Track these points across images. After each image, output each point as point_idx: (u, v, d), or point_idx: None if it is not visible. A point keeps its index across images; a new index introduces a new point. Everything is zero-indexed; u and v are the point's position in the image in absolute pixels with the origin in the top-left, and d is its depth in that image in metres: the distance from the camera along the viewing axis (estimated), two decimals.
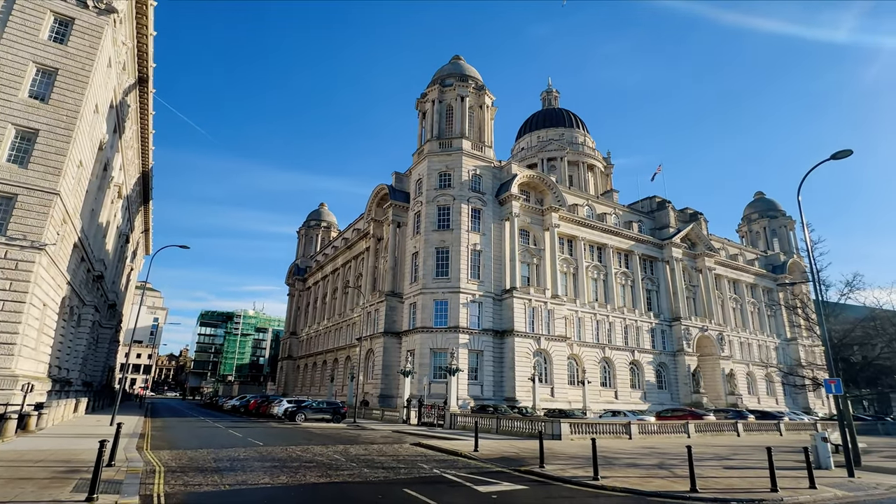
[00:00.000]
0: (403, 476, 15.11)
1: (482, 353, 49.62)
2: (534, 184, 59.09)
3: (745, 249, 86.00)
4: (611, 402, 56.68)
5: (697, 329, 66.52)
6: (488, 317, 51.18)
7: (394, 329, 55.08)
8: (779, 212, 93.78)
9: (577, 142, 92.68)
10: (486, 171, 56.50)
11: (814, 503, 13.01)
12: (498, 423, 31.82)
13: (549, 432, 27.71)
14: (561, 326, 54.02)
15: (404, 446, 23.57)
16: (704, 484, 14.25)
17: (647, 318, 64.67)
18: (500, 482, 14.36)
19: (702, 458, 20.84)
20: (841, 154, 18.57)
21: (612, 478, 15.20)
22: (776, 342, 79.84)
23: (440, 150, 56.08)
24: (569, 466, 17.36)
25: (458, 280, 50.63)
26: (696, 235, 72.43)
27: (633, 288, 65.91)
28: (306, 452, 19.90)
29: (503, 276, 53.47)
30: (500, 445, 23.98)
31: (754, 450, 24.39)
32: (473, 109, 59.58)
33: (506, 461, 18.57)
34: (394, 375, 52.25)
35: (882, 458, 23.54)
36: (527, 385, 47.25)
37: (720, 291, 75.54)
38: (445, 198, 53.95)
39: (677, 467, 17.69)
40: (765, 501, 12.73)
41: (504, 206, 55.60)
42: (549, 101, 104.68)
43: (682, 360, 63.72)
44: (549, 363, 52.21)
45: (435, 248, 52.64)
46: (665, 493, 13.34)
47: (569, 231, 61.38)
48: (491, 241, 53.92)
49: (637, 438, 29.93)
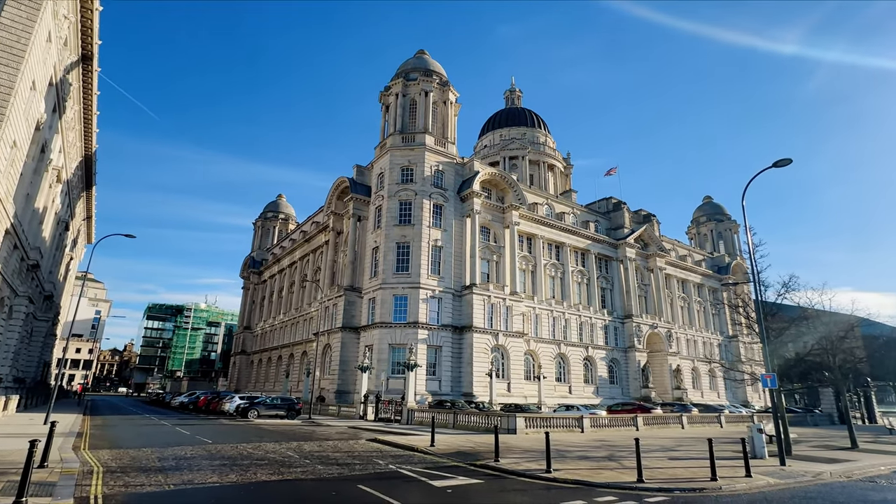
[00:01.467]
0: (358, 472, 14.97)
1: (441, 348, 49.81)
2: (495, 181, 59.67)
3: (693, 251, 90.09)
4: (565, 396, 58.19)
5: (648, 326, 69.21)
6: (448, 312, 51.39)
7: (352, 324, 54.43)
8: (725, 216, 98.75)
9: (539, 141, 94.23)
10: (448, 167, 56.59)
11: (749, 490, 13.80)
12: (455, 418, 32.05)
13: (505, 427, 28.16)
14: (519, 323, 54.93)
15: (360, 442, 23.36)
16: (650, 474, 14.84)
17: (601, 316, 66.71)
18: (455, 477, 14.46)
19: (649, 449, 21.72)
20: (781, 162, 19.69)
21: (564, 470, 15.60)
22: (719, 339, 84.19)
23: (403, 145, 55.71)
24: (523, 460, 17.69)
25: (419, 276, 50.55)
26: (648, 236, 75.22)
27: (589, 286, 67.80)
28: (258, 450, 19.39)
29: (463, 273, 53.80)
30: (456, 440, 24.16)
31: (697, 441, 25.64)
32: (437, 105, 59.47)
33: (462, 456, 18.72)
34: (351, 371, 51.67)
35: (810, 447, 25.26)
36: (484, 380, 47.80)
37: (670, 290, 78.84)
38: (407, 193, 53.68)
39: (626, 459, 18.35)
40: (705, 490, 13.40)
41: (466, 203, 55.89)
42: (512, 100, 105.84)
43: (633, 356, 66.16)
44: (506, 359, 53.01)
45: (396, 242, 52.33)
46: (613, 483, 13.81)
47: (528, 229, 62.40)
48: (452, 238, 54.11)
49: (589, 432, 30.86)
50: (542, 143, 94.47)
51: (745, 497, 12.93)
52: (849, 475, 17.17)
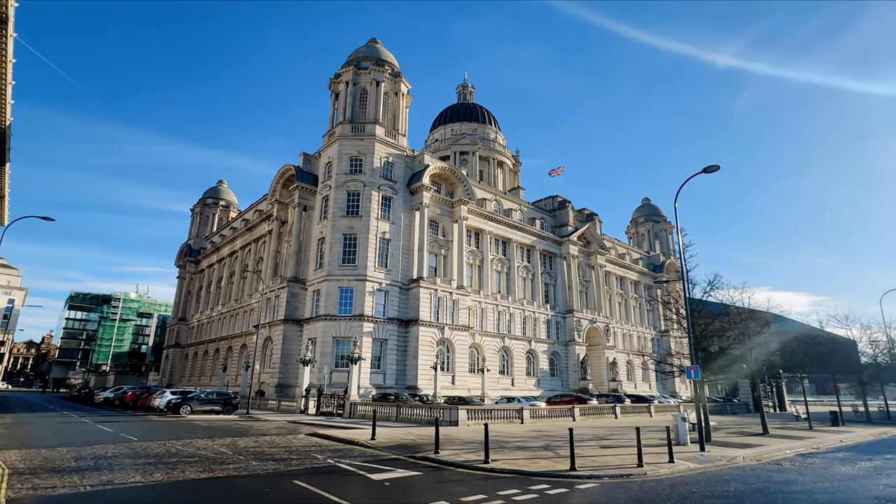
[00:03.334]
0: (295, 468, 14.63)
1: (386, 341, 49.55)
2: (445, 176, 59.83)
3: (631, 249, 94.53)
4: (507, 388, 59.57)
5: (588, 321, 72.02)
6: (394, 306, 51.14)
7: (295, 316, 53.03)
8: (661, 217, 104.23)
9: (490, 138, 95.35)
10: (398, 159, 56.11)
11: (670, 475, 14.70)
12: (398, 410, 32.02)
13: (447, 419, 28.46)
14: (465, 316, 55.56)
15: (299, 437, 22.85)
16: (583, 463, 15.48)
17: (544, 310, 68.68)
18: (394, 469, 14.45)
19: (583, 439, 22.66)
20: (710, 168, 20.98)
21: (501, 460, 15.97)
22: (653, 334, 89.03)
23: (352, 134, 54.65)
24: (462, 451, 17.94)
25: (366, 268, 49.94)
26: (591, 235, 78.13)
27: (534, 281, 69.58)
28: (188, 447, 18.51)
29: (411, 266, 53.68)
30: (398, 433, 24.14)
31: (628, 430, 27.01)
32: (388, 96, 58.74)
33: (402, 448, 18.73)
34: (293, 364, 50.39)
35: (728, 434, 27.28)
36: (429, 373, 48.03)
37: (609, 287, 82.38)
38: (356, 183, 52.79)
39: (561, 448, 19.02)
40: (631, 476, 14.15)
41: (415, 196, 55.69)
42: (464, 95, 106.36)
43: (573, 350, 68.69)
44: (451, 352, 53.51)
45: (342, 234, 51.38)
46: (548, 472, 14.29)
47: (477, 224, 63.10)
48: (400, 231, 53.81)
49: (528, 423, 31.76)
50: (492, 139, 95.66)
51: (667, 481, 13.76)
52: (759, 459, 18.69)
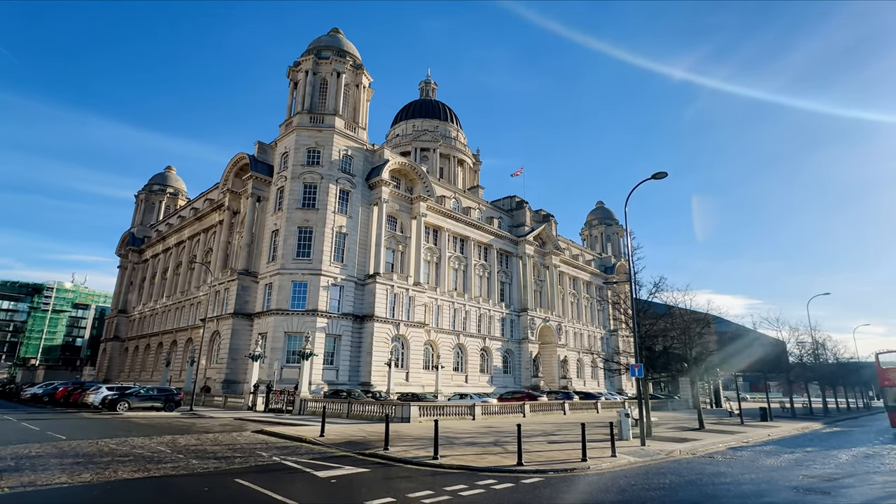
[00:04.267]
0: (238, 466, 14.18)
1: (340, 337, 48.84)
2: (405, 171, 59.50)
3: (585, 251, 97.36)
4: (461, 385, 60.07)
5: (541, 319, 73.63)
6: (349, 301, 50.46)
7: (245, 310, 51.38)
8: (614, 220, 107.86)
9: (451, 136, 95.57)
10: (357, 152, 55.30)
11: (612, 469, 15.27)
12: (349, 407, 31.65)
13: (399, 415, 28.40)
14: (420, 313, 55.53)
15: (244, 434, 22.18)
16: (530, 458, 15.82)
17: (499, 308, 69.65)
18: (342, 466, 14.27)
19: (531, 434, 23.18)
20: (659, 175, 21.87)
21: (450, 456, 16.08)
22: (602, 333, 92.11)
23: (311, 125, 53.39)
24: (413, 448, 17.95)
25: (321, 262, 48.99)
26: (546, 235, 79.86)
27: (490, 279, 70.41)
28: (122, 445, 17.59)
29: (367, 261, 53.10)
30: (348, 430, 23.87)
31: (575, 426, 27.72)
32: (349, 88, 57.77)
33: (352, 445, 18.53)
34: (242, 360, 48.83)
35: (667, 429, 28.62)
36: (383, 370, 47.73)
37: (562, 287, 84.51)
38: (313, 175, 51.63)
39: (510, 444, 19.36)
40: (575, 470, 14.59)
41: (374, 191, 55.08)
42: (426, 91, 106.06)
43: (526, 347, 70.05)
44: (406, 348, 53.38)
45: (298, 226, 50.16)
46: (495, 467, 14.52)
47: (435, 221, 63.15)
48: (357, 225, 53.10)
49: (480, 419, 32.15)
50: (453, 137, 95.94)
51: (608, 475, 14.28)
52: (694, 452, 19.72)
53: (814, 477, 14.62)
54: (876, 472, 15.90)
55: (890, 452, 21.36)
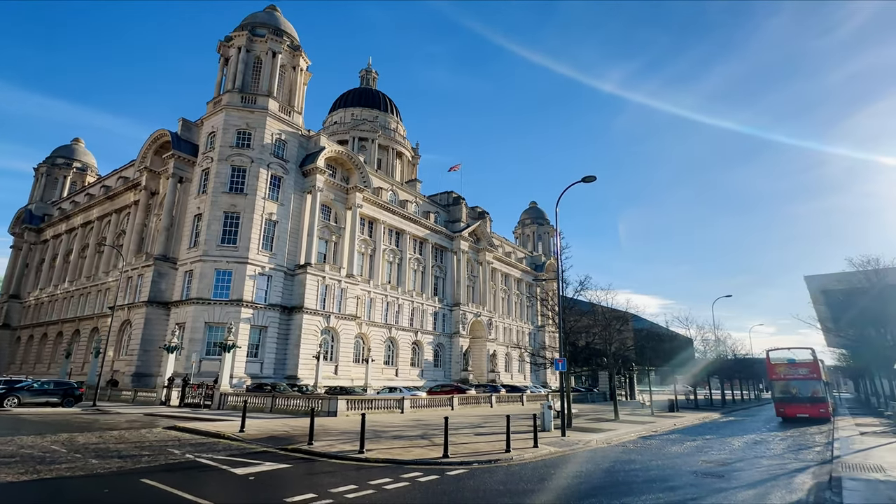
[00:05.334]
0: (145, 465, 13.19)
1: (266, 329, 46.92)
2: (342, 160, 58.06)
3: (517, 249, 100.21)
4: (392, 379, 59.85)
5: (473, 314, 74.97)
6: (277, 291, 48.56)
7: (162, 298, 47.98)
8: (545, 220, 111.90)
9: (390, 127, 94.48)
10: (292, 137, 53.18)
11: (534, 459, 15.84)
12: (273, 401, 30.51)
13: (326, 409, 27.81)
14: (352, 305, 54.59)
15: (155, 431, 20.70)
16: (456, 450, 16.03)
17: (432, 303, 70.05)
18: (262, 463, 13.70)
19: (458, 427, 23.54)
20: (588, 179, 22.89)
21: (377, 450, 15.95)
22: (530, 328, 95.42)
23: (242, 105, 50.61)
24: (338, 442, 17.61)
25: (248, 250, 46.72)
26: (481, 232, 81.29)
27: (424, 274, 70.59)
28: (8, 445, 15.79)
29: (298, 251, 51.34)
30: (271, 425, 23.00)
31: (501, 418, 28.53)
32: (286, 69, 55.39)
33: (274, 440, 17.87)
34: (155, 351, 45.59)
35: (586, 420, 30.19)
36: (311, 363, 46.46)
37: (494, 283, 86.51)
38: (242, 158, 49.02)
39: (437, 437, 19.52)
40: (499, 461, 14.97)
41: (308, 178, 53.27)
42: (367, 80, 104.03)
43: (457, 342, 71.04)
44: (336, 341, 52.30)
45: (224, 211, 47.48)
46: (421, 460, 14.57)
47: (371, 213, 62.24)
48: (289, 213, 51.14)
49: (408, 412, 32.20)
50: (393, 129, 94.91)
51: (530, 465, 14.79)
52: (609, 442, 20.93)
53: (711, 462, 16.02)
54: (763, 457, 17.70)
55: (774, 439, 23.88)
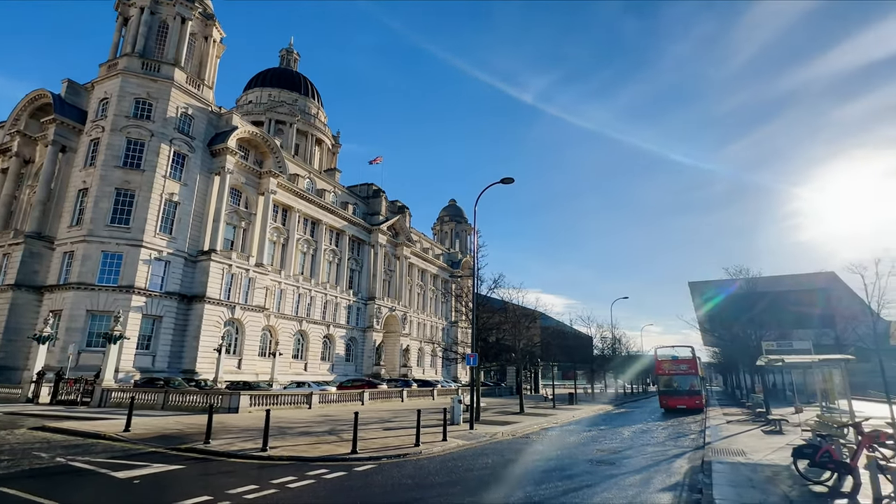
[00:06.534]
0: (2, 471, 11.51)
1: (161, 319, 43.11)
2: (256, 143, 54.79)
3: (435, 245, 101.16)
4: (300, 373, 57.75)
5: (387, 309, 74.51)
6: (176, 278, 44.79)
7: (33, 282, 42.30)
8: (464, 218, 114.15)
9: (310, 112, 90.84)
10: (200, 113, 49.20)
11: (442, 452, 16.08)
12: (166, 397, 28.12)
13: (226, 405, 26.20)
14: (261, 296, 51.86)
15: (17, 432, 18.17)
16: (365, 445, 15.82)
17: (346, 296, 68.57)
18: (149, 465, 12.54)
19: (368, 422, 23.27)
20: (506, 180, 23.65)
21: (281, 447, 15.28)
22: (444, 324, 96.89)
23: (143, 72, 45.89)
24: (239, 440, 16.64)
25: (143, 232, 42.54)
26: (400, 226, 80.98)
27: (339, 266, 68.87)
28: None
29: (203, 236, 47.71)
30: (163, 423, 21.18)
31: (411, 412, 28.68)
32: (196, 38, 51.12)
33: (165, 440, 16.45)
34: (23, 341, 40.10)
35: (494, 413, 31.26)
36: (212, 356, 43.44)
37: (411, 278, 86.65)
38: (140, 131, 44.48)
39: (346, 432, 19.15)
40: (408, 455, 15.01)
41: (217, 159, 49.63)
42: (288, 61, 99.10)
43: (370, 336, 70.22)
44: (241, 334, 49.39)
45: (116, 188, 42.80)
46: (329, 456, 14.19)
47: (285, 200, 59.46)
48: (194, 194, 47.32)
49: (316, 408, 31.26)
50: (313, 114, 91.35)
51: (438, 458, 15.00)
52: (514, 434, 21.82)
53: (604, 450, 17.31)
54: (648, 445, 19.45)
55: (658, 428, 26.35)
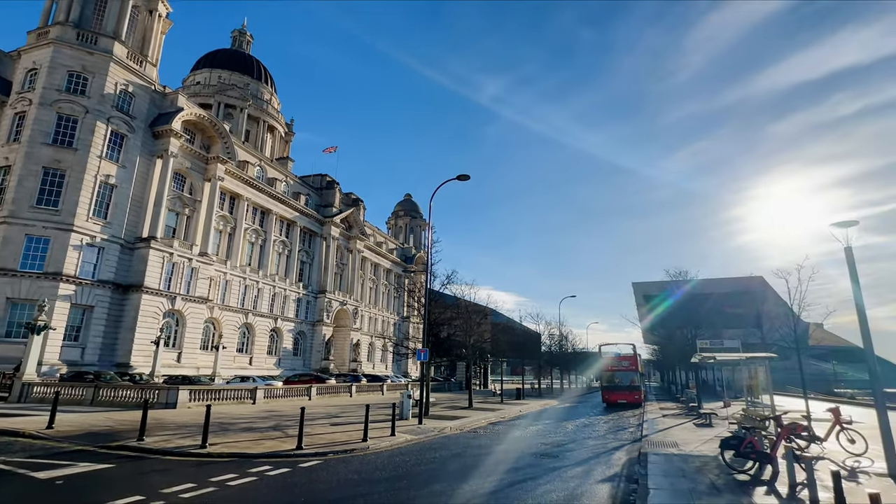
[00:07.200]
0: None
1: (93, 309, 40.42)
2: (203, 126, 52.25)
3: (389, 239, 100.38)
4: (245, 367, 55.83)
5: (338, 303, 73.28)
6: (111, 266, 42.10)
7: None
8: (419, 213, 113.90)
9: (263, 97, 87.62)
10: (142, 91, 46.34)
11: (390, 447, 16.02)
12: (96, 392, 26.42)
13: (164, 401, 24.98)
14: (204, 287, 49.67)
15: None
16: (311, 441, 15.52)
17: (295, 289, 66.84)
18: (75, 464, 11.75)
19: (315, 417, 22.86)
20: (462, 177, 23.78)
21: (222, 444, 14.74)
22: (396, 319, 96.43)
23: (78, 43, 42.67)
24: (176, 436, 15.89)
25: (74, 215, 39.64)
26: (354, 219, 79.73)
27: (290, 258, 67.02)
28: None
29: (142, 222, 45.07)
30: (92, 419, 19.90)
31: (360, 407, 28.38)
32: (139, 11, 48.09)
33: (93, 437, 15.47)
34: None
35: (443, 408, 31.46)
36: (148, 349, 41.20)
37: (363, 272, 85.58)
38: (74, 107, 41.37)
39: (291, 428, 18.69)
40: (355, 450, 14.85)
41: (159, 141, 46.95)
42: (240, 42, 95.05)
43: (319, 330, 68.84)
44: (182, 326, 47.13)
45: (44, 167, 39.63)
46: (273, 453, 13.81)
47: (234, 188, 57.11)
48: (133, 178, 44.55)
49: (261, 403, 30.36)
50: (266, 99, 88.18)
51: (386, 453, 14.93)
52: (462, 428, 22.07)
53: (548, 444, 17.83)
54: (590, 438, 20.19)
55: (599, 422, 27.41)
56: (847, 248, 12.78)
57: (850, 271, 12.90)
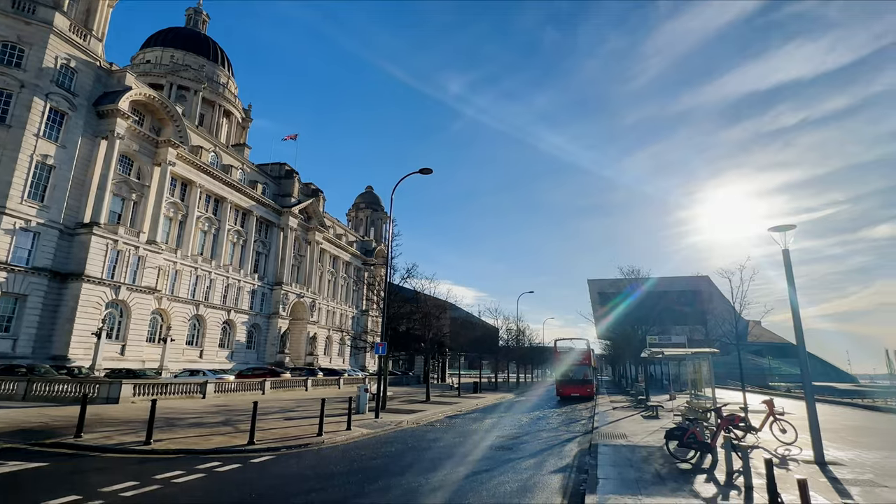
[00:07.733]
0: None
1: (27, 298, 37.84)
2: (153, 108, 49.69)
3: (349, 232, 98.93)
4: (195, 361, 53.81)
5: (295, 295, 71.69)
6: (48, 252, 39.50)
7: None
8: (380, 206, 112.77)
9: (219, 81, 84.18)
10: (86, 67, 43.54)
11: (346, 441, 15.86)
12: (29, 386, 24.79)
13: (105, 395, 23.74)
14: (152, 277, 47.42)
15: None
16: (263, 436, 15.14)
17: (250, 280, 64.90)
18: (4, 462, 10.99)
19: (268, 412, 22.34)
20: (425, 171, 23.70)
21: (169, 440, 14.16)
22: (354, 312, 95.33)
23: (13, 12, 39.61)
24: (118, 433, 15.13)
25: (6, 197, 36.92)
26: (313, 210, 78.05)
27: (245, 248, 64.95)
28: None
29: (83, 206, 42.48)
30: (23, 415, 18.66)
31: (316, 401, 27.88)
32: None
33: (25, 434, 14.51)
34: None
35: (400, 402, 31.41)
36: (89, 341, 39.03)
37: (322, 264, 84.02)
38: (8, 80, 38.41)
39: (243, 423, 18.19)
40: (310, 445, 14.61)
41: (104, 121, 44.30)
42: (195, 21, 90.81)
43: (275, 323, 67.16)
44: (126, 317, 44.86)
45: None
46: (222, 448, 13.39)
47: (186, 174, 54.69)
48: (74, 159, 41.87)
49: (212, 397, 29.37)
50: (222, 83, 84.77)
51: (342, 447, 14.77)
52: (419, 422, 22.11)
53: (504, 437, 18.12)
54: (543, 430, 20.68)
55: (553, 415, 28.11)
56: (784, 250, 13.60)
57: (786, 273, 13.75)
